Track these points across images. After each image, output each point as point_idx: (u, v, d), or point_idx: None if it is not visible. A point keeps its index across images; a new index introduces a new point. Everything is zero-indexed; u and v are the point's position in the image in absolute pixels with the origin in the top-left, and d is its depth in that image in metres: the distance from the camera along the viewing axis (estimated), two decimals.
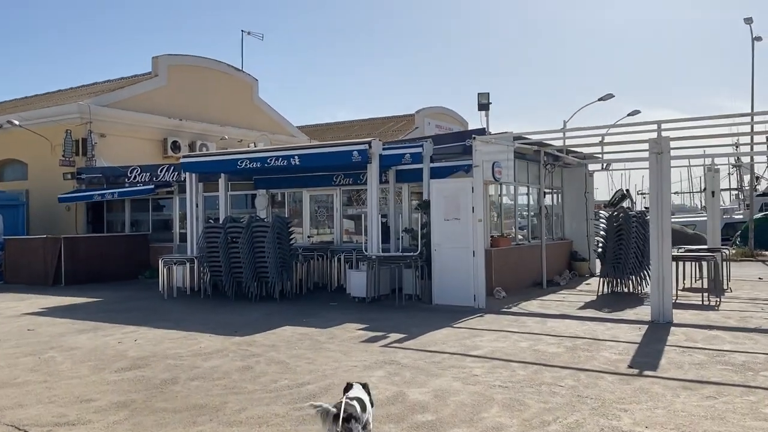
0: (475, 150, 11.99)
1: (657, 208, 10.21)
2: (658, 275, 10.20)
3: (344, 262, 14.79)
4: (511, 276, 14.34)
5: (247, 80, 28.86)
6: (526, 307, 12.06)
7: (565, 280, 16.06)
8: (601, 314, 11.06)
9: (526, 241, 15.91)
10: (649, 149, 10.36)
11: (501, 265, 13.82)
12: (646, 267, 13.64)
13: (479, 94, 13.10)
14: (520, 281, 14.89)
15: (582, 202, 17.98)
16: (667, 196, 10.16)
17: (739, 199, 50.57)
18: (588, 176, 18.01)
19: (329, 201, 16.69)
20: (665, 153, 10.18)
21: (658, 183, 10.22)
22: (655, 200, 10.24)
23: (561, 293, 14.14)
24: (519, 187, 15.67)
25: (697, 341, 8.52)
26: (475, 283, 11.88)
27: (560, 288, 15.06)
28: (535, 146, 14.64)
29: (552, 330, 9.53)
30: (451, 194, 12.18)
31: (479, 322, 10.33)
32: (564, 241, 17.83)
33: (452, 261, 12.13)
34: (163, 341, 9.20)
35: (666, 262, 10.18)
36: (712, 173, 17.98)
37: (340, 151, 13.23)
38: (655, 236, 10.23)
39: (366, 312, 11.65)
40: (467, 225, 11.98)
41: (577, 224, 18.13)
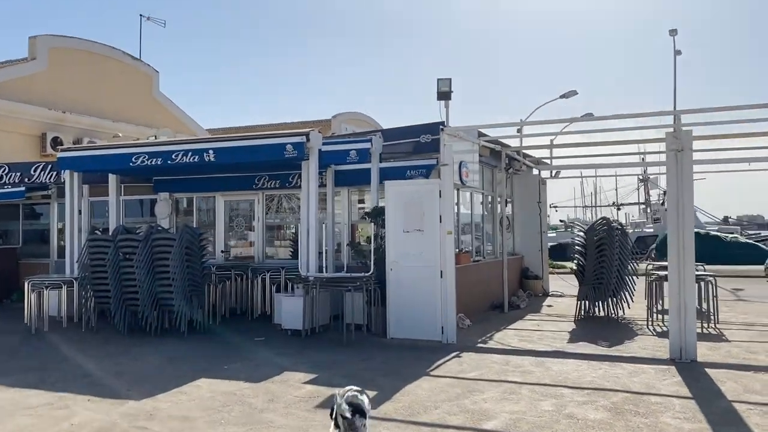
0: (443, 145, 9.63)
1: (678, 218, 8.22)
2: (679, 303, 8.19)
3: (270, 284, 11.96)
4: (471, 299, 12.07)
5: (146, 71, 25.20)
6: (503, 340, 9.78)
7: (524, 301, 14.00)
8: (602, 350, 8.95)
9: (481, 257, 13.72)
10: (666, 146, 8.37)
11: (461, 287, 11.50)
12: (629, 287, 11.78)
13: (439, 80, 10.77)
14: (479, 304, 12.66)
15: (534, 213, 16.08)
16: (689, 203, 8.20)
17: (647, 213, 51.55)
18: (541, 183, 16.15)
19: (249, 208, 13.80)
20: (686, 150, 8.22)
21: (678, 188, 8.24)
22: (675, 209, 8.26)
23: (530, 319, 12.01)
24: (475, 193, 13.48)
25: (763, 393, 6.51)
26: (444, 312, 9.47)
27: (523, 312, 12.96)
28: (498, 146, 12.51)
29: (565, 378, 7.25)
30: (413, 200, 9.73)
31: (462, 367, 7.89)
32: (515, 256, 15.83)
33: (413, 283, 9.67)
34: (13, 415, 6.10)
35: (689, 287, 8.19)
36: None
37: (270, 144, 10.44)
38: (675, 255, 8.23)
39: (306, 351, 8.94)
40: (433, 238, 9.57)
41: (529, 237, 16.20)
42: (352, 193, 12.75)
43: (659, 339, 9.64)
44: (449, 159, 9.51)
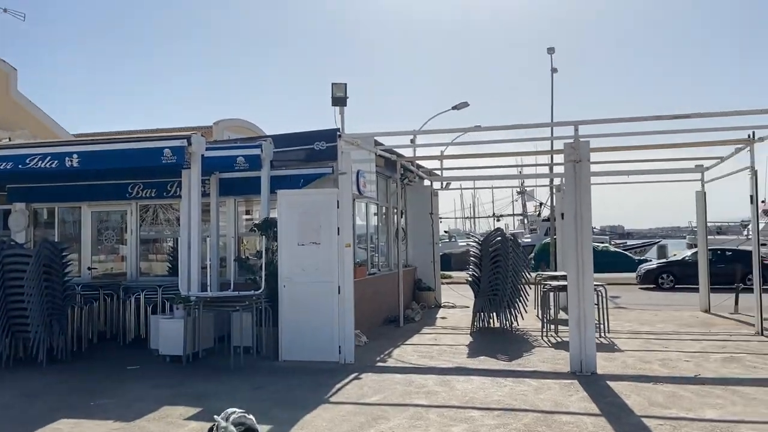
0: (341, 153, 9.05)
1: (576, 229, 8.14)
2: (579, 315, 8.10)
3: (145, 305, 10.78)
4: (367, 314, 11.55)
5: (2, 68, 22.70)
6: (403, 357, 9.32)
7: (418, 314, 13.68)
8: (503, 364, 8.71)
9: (377, 269, 13.25)
10: (564, 158, 8.30)
11: (357, 301, 10.94)
12: (523, 298, 11.76)
13: (334, 84, 10.20)
14: (375, 319, 12.17)
15: (426, 224, 15.88)
16: (587, 214, 8.14)
17: (524, 224, 53.89)
18: (433, 195, 15.99)
19: (121, 220, 12.49)
20: (584, 161, 8.18)
21: (577, 198, 8.17)
22: (573, 220, 8.18)
23: (426, 333, 11.67)
24: (370, 204, 13.01)
25: (666, 405, 6.44)
26: (342, 330, 8.86)
27: (418, 325, 12.62)
28: (393, 156, 12.13)
29: (472, 398, 6.86)
30: (309, 210, 9.07)
31: (364, 391, 7.30)
32: (409, 268, 15.52)
33: (308, 300, 8.99)
34: None
35: (588, 298, 8.12)
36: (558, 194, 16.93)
37: (146, 148, 9.35)
38: (574, 266, 8.14)
39: (188, 381, 7.98)
40: (330, 251, 8.95)
41: (422, 249, 15.97)
42: (239, 204, 11.84)
43: (556, 351, 9.58)
44: (347, 167, 8.95)
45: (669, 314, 13.81)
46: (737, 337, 10.63)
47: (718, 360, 8.68)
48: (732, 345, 9.82)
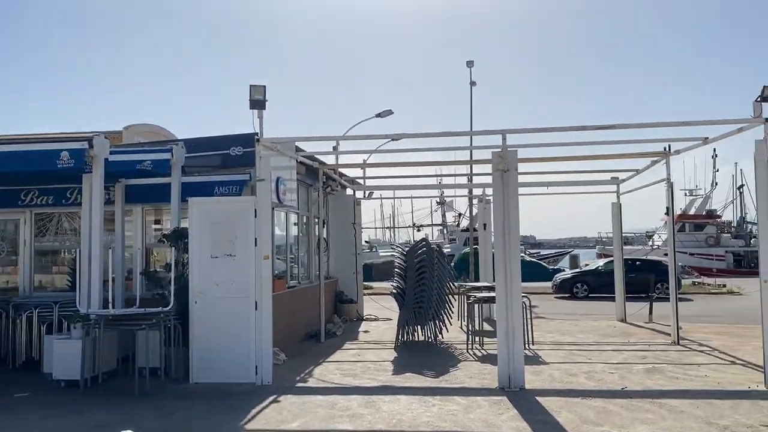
0: (259, 158, 8.47)
1: (504, 240, 7.93)
2: (507, 328, 7.88)
3: (39, 323, 9.74)
4: (286, 329, 10.97)
5: None
6: (324, 376, 8.81)
7: (340, 328, 13.19)
8: (430, 381, 8.37)
9: (297, 282, 12.68)
10: (492, 167, 8.09)
11: (276, 316, 10.34)
12: (448, 310, 11.50)
13: (252, 86, 9.57)
14: (295, 335, 11.60)
15: (349, 234, 15.44)
16: (515, 224, 7.95)
17: (444, 234, 54.42)
18: (355, 204, 15.60)
19: (14, 230, 11.34)
20: (512, 171, 8.00)
21: (505, 208, 7.97)
22: (501, 230, 7.97)
23: (349, 348, 11.20)
24: (290, 213, 12.44)
25: (598, 422, 6.27)
26: (259, 349, 8.25)
27: (340, 340, 12.13)
28: (315, 163, 11.64)
29: (399, 421, 6.45)
30: (224, 220, 8.43)
31: (283, 416, 6.74)
32: (330, 280, 15.01)
33: (222, 316, 8.33)
34: None
35: (516, 311, 7.92)
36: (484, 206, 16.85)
37: (40, 151, 8.46)
38: (503, 278, 7.92)
39: (85, 408, 7.15)
40: (247, 264, 8.34)
41: (344, 260, 15.52)
42: (148, 212, 11.01)
43: (482, 364, 9.35)
44: (266, 174, 8.39)
45: (588, 324, 13.97)
46: (655, 346, 10.78)
47: (641, 371, 8.68)
48: (652, 355, 9.92)
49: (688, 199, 47.64)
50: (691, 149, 10.07)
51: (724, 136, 8.73)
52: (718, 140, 9.01)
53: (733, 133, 8.40)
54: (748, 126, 7.91)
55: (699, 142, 9.52)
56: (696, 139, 9.56)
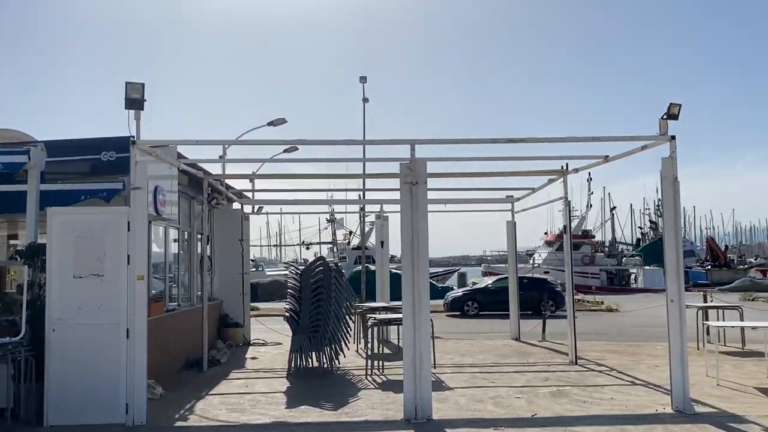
0: (135, 163, 7.36)
1: (412, 258, 7.35)
2: (414, 355, 7.27)
3: None
4: (163, 358, 9.78)
5: None
6: (208, 412, 7.76)
7: (224, 355, 12.05)
8: (329, 414, 7.56)
9: (176, 304, 11.44)
10: (400, 180, 7.51)
11: (151, 344, 9.15)
12: (345, 333, 10.76)
13: (129, 84, 8.41)
14: (173, 364, 10.39)
15: (235, 252, 14.33)
16: (424, 241, 7.40)
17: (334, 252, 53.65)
18: (243, 219, 14.52)
19: None
20: (421, 184, 7.46)
21: (414, 224, 7.41)
22: (409, 248, 7.39)
23: (235, 377, 10.14)
24: (170, 228, 11.22)
25: None
26: (130, 383, 7.09)
27: (225, 368, 11.02)
28: (199, 172, 10.56)
29: None
30: (91, 234, 7.23)
31: None
32: (214, 302, 13.82)
33: (87, 346, 7.11)
34: None
35: (424, 335, 7.34)
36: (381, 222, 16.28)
37: None
38: (410, 299, 7.32)
39: None
40: (118, 285, 7.19)
41: (230, 280, 14.36)
42: (0, 225, 9.45)
43: (384, 393, 8.68)
44: (142, 182, 7.29)
45: (484, 344, 13.72)
46: (555, 366, 10.62)
47: (547, 395, 8.36)
48: (553, 376, 9.70)
49: None
50: (591, 167, 10.05)
51: (626, 154, 8.70)
52: (619, 158, 9.00)
53: (636, 150, 8.36)
54: (652, 144, 7.88)
55: (600, 160, 9.48)
56: (596, 157, 9.52)
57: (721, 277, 47.58)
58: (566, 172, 11.01)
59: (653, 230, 58.68)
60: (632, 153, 8.50)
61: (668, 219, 7.55)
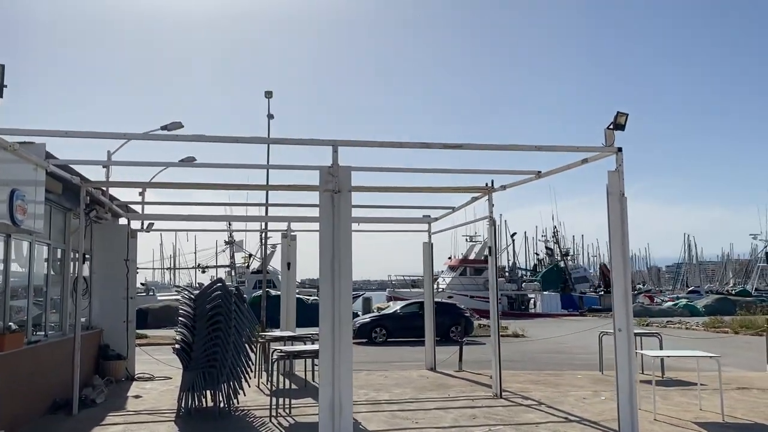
0: None
1: (332, 279, 6.21)
2: (333, 396, 6.08)
3: None
4: (21, 400, 8.00)
5: None
6: None
7: (101, 394, 10.23)
8: None
9: (43, 335, 9.59)
10: (320, 186, 6.37)
11: (6, 384, 7.38)
12: (246, 367, 9.33)
13: None
14: (34, 406, 8.57)
15: (119, 273, 12.54)
16: (347, 259, 6.28)
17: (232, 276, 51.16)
18: (130, 237, 12.78)
19: None
20: (344, 192, 6.36)
21: (336, 239, 6.28)
22: (330, 266, 6.24)
23: (112, 423, 8.47)
24: (37, 244, 9.42)
25: None
26: None
27: (100, 411, 9.28)
28: (75, 177, 8.90)
29: None
30: None
31: None
32: (91, 331, 11.93)
33: None
34: None
35: (346, 371, 6.17)
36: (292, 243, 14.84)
37: None
38: (329, 329, 6.15)
39: None
40: None
41: (112, 305, 12.53)
42: None
43: None
44: None
45: (399, 375, 12.67)
46: (479, 401, 9.72)
47: None
48: (481, 413, 8.77)
49: (468, 245, 50.40)
50: (521, 183, 9.34)
51: (564, 168, 8.02)
52: (555, 173, 8.31)
53: (576, 164, 7.69)
54: (596, 156, 7.21)
55: (531, 176, 8.79)
56: (528, 173, 8.83)
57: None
58: (492, 190, 10.27)
59: (549, 256, 60.44)
60: (572, 167, 7.83)
61: (615, 239, 6.85)
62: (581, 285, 56.37)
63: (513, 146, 7.16)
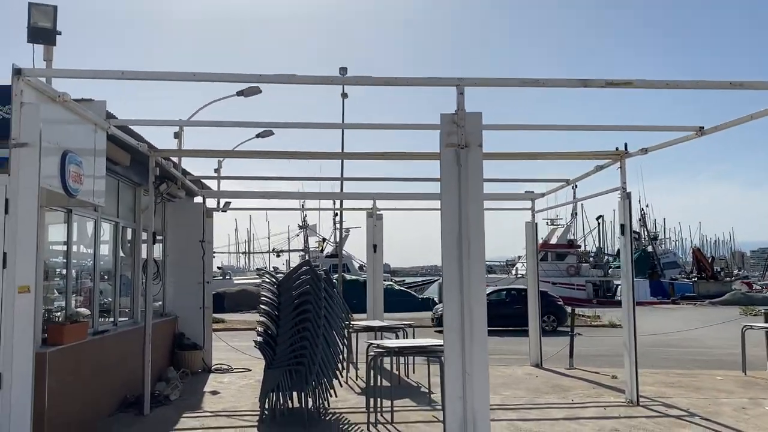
0: (20, 103, 4.60)
1: (460, 259, 4.74)
2: (464, 414, 4.63)
3: None
4: (86, 400, 6.97)
5: None
6: None
7: (175, 389, 9.17)
8: None
9: (112, 324, 8.61)
10: (441, 139, 4.88)
11: (64, 384, 6.32)
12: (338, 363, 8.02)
13: (34, 6, 5.84)
14: (100, 406, 7.55)
15: (195, 256, 11.53)
16: (478, 230, 4.79)
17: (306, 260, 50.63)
18: (206, 216, 11.74)
19: None
20: (474, 146, 4.85)
21: (462, 208, 4.80)
22: (456, 241, 4.77)
23: (187, 428, 7.34)
24: (104, 222, 8.40)
25: None
26: None
27: (174, 410, 8.20)
28: (143, 144, 7.75)
29: None
30: None
31: None
32: (165, 318, 10.97)
33: None
34: None
35: (481, 382, 4.70)
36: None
37: None
38: (456, 325, 4.70)
39: None
40: None
41: (187, 290, 11.54)
42: None
43: None
44: (32, 134, 4.55)
45: (502, 372, 11.09)
46: (613, 409, 8.06)
47: None
48: (624, 427, 7.13)
49: (550, 228, 47.89)
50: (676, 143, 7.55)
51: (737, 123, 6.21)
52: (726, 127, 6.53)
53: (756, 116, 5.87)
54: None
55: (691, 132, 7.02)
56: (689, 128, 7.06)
57: (708, 289, 45.89)
58: (626, 155, 8.52)
59: (635, 240, 57.05)
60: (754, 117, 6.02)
61: None
62: (671, 271, 52.88)
63: (703, 82, 5.42)
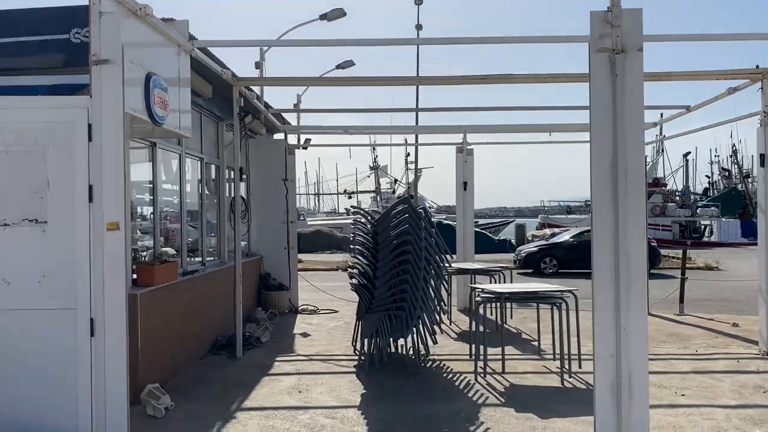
0: (98, 14, 4.02)
1: (615, 194, 3.94)
2: (617, 376, 3.92)
3: None
4: (179, 341, 6.69)
5: None
6: None
7: (266, 331, 8.85)
8: None
9: (200, 265, 8.30)
10: (590, 45, 4.00)
11: (155, 327, 5.98)
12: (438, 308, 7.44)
13: None
14: (191, 349, 7.28)
15: (278, 194, 11.10)
16: (638, 160, 3.94)
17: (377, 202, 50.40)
18: (288, 153, 11.23)
19: None
20: (632, 51, 3.95)
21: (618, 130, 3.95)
22: (610, 174, 3.96)
23: (281, 374, 6.96)
24: (189, 158, 7.98)
25: None
26: (98, 412, 3.94)
27: (266, 353, 7.87)
28: (226, 71, 7.16)
29: None
30: (18, 147, 4.00)
31: None
32: (251, 258, 10.65)
33: (17, 348, 3.97)
34: None
35: (639, 339, 3.96)
36: None
37: None
38: (610, 272, 3.94)
39: None
40: (71, 240, 3.97)
41: (272, 230, 11.18)
42: None
43: (521, 416, 5.40)
44: (113, 49, 3.97)
45: None
46: (748, 362, 7.18)
47: None
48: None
49: None
50: None
51: None
52: None
53: None
54: None
55: None
56: None
57: None
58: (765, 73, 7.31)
59: (726, 179, 53.73)
60: None
61: None
62: None
63: None
